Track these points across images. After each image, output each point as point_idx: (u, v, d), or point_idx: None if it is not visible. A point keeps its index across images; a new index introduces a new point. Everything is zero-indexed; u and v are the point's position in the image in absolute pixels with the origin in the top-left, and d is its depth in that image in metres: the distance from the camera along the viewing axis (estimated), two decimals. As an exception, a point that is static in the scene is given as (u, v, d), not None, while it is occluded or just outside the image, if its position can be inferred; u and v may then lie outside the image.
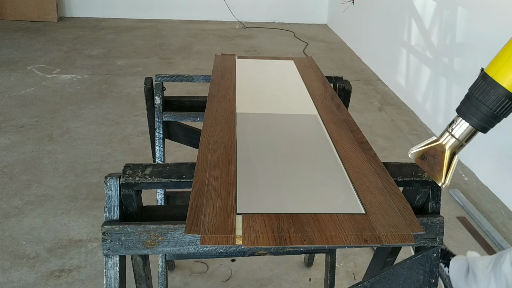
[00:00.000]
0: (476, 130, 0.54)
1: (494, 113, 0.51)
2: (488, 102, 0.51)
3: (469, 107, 0.54)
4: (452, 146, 0.57)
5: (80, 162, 2.55)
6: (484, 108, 0.52)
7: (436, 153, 0.59)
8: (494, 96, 0.50)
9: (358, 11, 4.87)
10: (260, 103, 1.18)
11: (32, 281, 1.73)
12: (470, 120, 0.54)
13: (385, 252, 1.02)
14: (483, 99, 0.51)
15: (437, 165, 0.59)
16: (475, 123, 0.53)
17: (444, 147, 0.58)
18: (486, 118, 0.52)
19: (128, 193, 0.80)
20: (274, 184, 0.80)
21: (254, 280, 1.80)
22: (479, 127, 0.54)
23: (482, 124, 0.53)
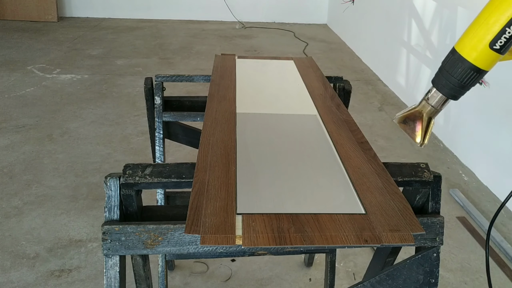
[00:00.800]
0: (448, 98, 0.65)
1: (462, 83, 0.61)
2: (456, 74, 0.60)
3: (441, 78, 0.63)
4: (428, 112, 0.68)
5: (80, 162, 2.55)
6: (453, 79, 0.61)
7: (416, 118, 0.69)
8: (461, 69, 0.60)
9: (358, 11, 4.87)
10: (260, 103, 1.18)
11: (32, 281, 1.73)
12: (442, 90, 0.64)
13: (385, 252, 1.02)
14: (452, 72, 0.61)
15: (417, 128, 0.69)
16: (446, 92, 0.64)
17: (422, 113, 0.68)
18: (455, 88, 0.62)
19: (128, 193, 0.80)
20: (274, 184, 0.80)
21: (254, 280, 1.80)
22: (450, 96, 0.64)
23: (452, 93, 0.63)
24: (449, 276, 1.83)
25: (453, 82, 0.62)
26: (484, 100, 2.51)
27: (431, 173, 0.86)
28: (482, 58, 0.58)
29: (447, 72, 0.62)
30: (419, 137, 0.71)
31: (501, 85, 2.38)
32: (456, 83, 0.61)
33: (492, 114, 2.47)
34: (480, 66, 0.59)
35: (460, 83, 0.61)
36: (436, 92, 0.65)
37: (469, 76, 0.60)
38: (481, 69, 0.59)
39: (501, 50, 0.57)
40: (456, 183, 2.51)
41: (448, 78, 0.62)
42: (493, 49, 0.57)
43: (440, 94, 0.65)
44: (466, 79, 0.60)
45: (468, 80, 0.60)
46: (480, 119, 2.57)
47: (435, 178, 0.85)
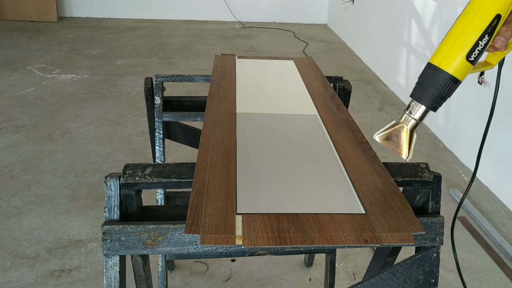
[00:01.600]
0: (429, 109, 0.69)
1: (442, 94, 0.67)
2: (437, 85, 0.66)
3: (421, 91, 0.68)
4: (411, 126, 0.72)
5: (80, 162, 2.55)
6: (434, 91, 0.67)
7: (399, 133, 0.73)
8: (442, 80, 0.66)
9: (358, 11, 4.87)
10: (260, 103, 1.18)
11: (32, 281, 1.73)
12: (424, 102, 0.68)
13: (385, 252, 1.02)
14: (433, 84, 0.66)
15: (401, 142, 0.73)
16: (429, 104, 0.68)
17: (405, 127, 0.72)
18: (436, 99, 0.68)
19: (128, 193, 0.80)
20: (274, 184, 0.80)
21: (254, 280, 1.80)
22: (431, 107, 0.69)
23: (434, 104, 0.68)
24: (449, 276, 1.83)
25: (434, 94, 0.67)
26: (484, 100, 2.51)
27: (431, 173, 0.86)
28: (460, 70, 0.66)
29: (428, 85, 0.67)
30: (405, 151, 0.74)
31: (501, 85, 2.38)
32: (437, 94, 0.67)
33: (492, 114, 2.47)
34: (458, 77, 0.66)
35: (440, 94, 0.67)
36: (417, 104, 0.70)
37: (448, 87, 0.67)
38: (458, 79, 0.66)
39: (474, 61, 0.66)
40: (456, 183, 2.51)
41: (429, 90, 0.67)
42: (468, 60, 0.65)
43: (422, 106, 0.69)
44: (446, 90, 0.67)
45: (447, 90, 0.67)
46: (480, 119, 2.57)
47: (435, 178, 0.85)
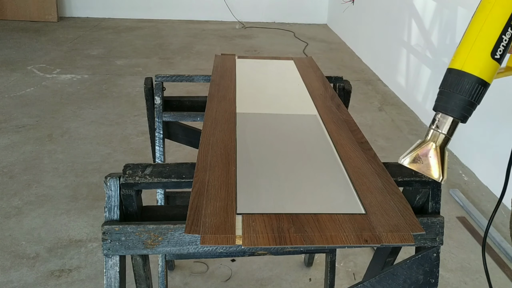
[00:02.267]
0: (458, 121, 0.61)
1: (471, 100, 0.59)
2: (464, 92, 0.58)
3: (447, 101, 0.60)
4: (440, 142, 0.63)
5: (80, 162, 2.55)
6: (461, 97, 0.59)
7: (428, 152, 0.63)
8: (468, 85, 0.58)
9: (358, 11, 4.87)
10: (260, 103, 1.18)
11: (32, 281, 1.73)
12: (452, 113, 0.60)
13: (385, 252, 1.02)
14: (459, 91, 0.58)
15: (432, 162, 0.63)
16: (457, 113, 0.60)
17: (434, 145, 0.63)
18: (466, 107, 0.59)
19: (128, 193, 0.80)
20: (274, 184, 0.80)
21: (254, 280, 1.80)
22: (461, 117, 0.61)
23: (463, 113, 0.60)
24: (449, 276, 1.83)
25: (462, 101, 0.59)
26: (484, 100, 2.51)
27: (431, 173, 0.86)
28: (486, 70, 0.59)
29: (453, 92, 0.60)
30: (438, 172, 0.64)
31: (502, 87, 2.39)
32: (465, 101, 0.59)
33: (492, 114, 2.47)
34: (485, 78, 0.59)
35: (469, 100, 0.59)
36: (444, 117, 0.62)
37: (477, 91, 0.59)
38: (486, 82, 0.59)
39: (500, 60, 0.59)
40: (456, 183, 2.51)
41: (455, 99, 0.60)
42: (494, 58, 0.58)
43: (450, 117, 0.61)
44: (475, 95, 0.59)
45: (476, 95, 0.59)
46: (480, 119, 2.57)
47: (435, 178, 0.85)
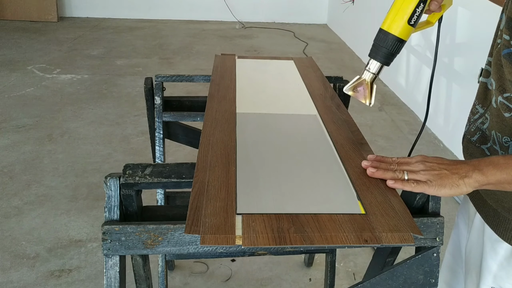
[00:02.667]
0: (383, 65, 0.86)
1: (392, 52, 0.84)
2: (387, 45, 0.83)
3: (376, 51, 0.85)
4: (370, 79, 0.88)
5: (80, 162, 2.55)
6: (385, 50, 0.84)
7: (362, 85, 0.89)
8: (390, 41, 0.83)
9: (358, 11, 4.87)
10: (260, 103, 1.18)
11: (32, 281, 1.73)
12: (379, 59, 0.85)
13: (385, 252, 1.02)
14: (384, 44, 0.83)
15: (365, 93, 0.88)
16: (382, 60, 0.85)
17: (366, 80, 0.88)
18: (387, 56, 0.84)
19: (128, 193, 0.80)
20: (274, 184, 0.80)
21: (254, 280, 1.80)
22: (384, 63, 0.85)
23: (386, 60, 0.85)
24: (449, 276, 1.83)
25: (385, 52, 0.84)
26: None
27: (431, 173, 0.86)
28: (403, 32, 0.82)
29: (380, 45, 0.84)
30: (368, 100, 0.89)
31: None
32: (387, 52, 0.84)
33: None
34: (402, 37, 0.82)
35: (390, 51, 0.84)
36: (373, 62, 0.86)
37: (396, 46, 0.83)
38: (403, 39, 0.83)
39: (414, 24, 0.82)
40: (456, 183, 2.50)
41: (381, 50, 0.84)
42: (410, 24, 0.81)
43: (377, 62, 0.86)
44: (394, 48, 0.83)
45: (396, 48, 0.83)
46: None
47: (435, 178, 0.85)
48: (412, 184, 0.76)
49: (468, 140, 0.91)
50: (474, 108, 0.92)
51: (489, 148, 0.85)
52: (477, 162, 0.75)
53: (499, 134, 0.81)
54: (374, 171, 0.82)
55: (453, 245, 1.08)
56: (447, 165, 0.76)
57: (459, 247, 1.05)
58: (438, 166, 0.76)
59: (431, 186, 0.74)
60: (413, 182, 0.76)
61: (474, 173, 0.73)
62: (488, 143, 0.85)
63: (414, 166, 0.79)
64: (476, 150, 0.88)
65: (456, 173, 0.74)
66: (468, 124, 0.93)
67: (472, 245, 0.93)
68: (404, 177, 0.78)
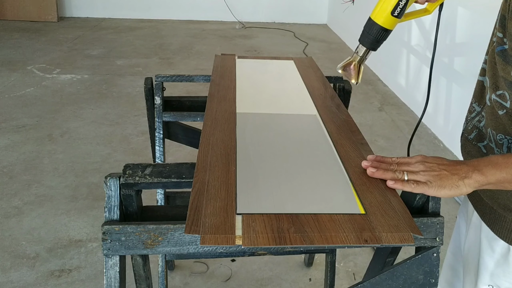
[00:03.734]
0: (369, 49, 0.92)
1: (377, 39, 0.89)
2: (373, 33, 0.89)
3: (364, 37, 0.91)
4: (358, 60, 0.94)
5: (80, 162, 2.55)
6: (371, 37, 0.89)
7: (350, 65, 0.95)
8: (375, 30, 0.88)
9: (358, 11, 4.87)
10: (260, 103, 1.18)
11: (32, 281, 1.73)
12: (366, 44, 0.91)
13: (385, 252, 1.02)
14: (370, 32, 0.89)
15: (352, 72, 0.95)
16: (368, 46, 0.91)
17: (354, 61, 0.95)
18: (373, 43, 0.90)
19: (128, 193, 0.80)
20: (274, 184, 0.80)
21: (254, 280, 1.80)
22: (371, 48, 0.91)
23: (372, 46, 0.91)
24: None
25: (371, 39, 0.90)
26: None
27: (431, 173, 0.86)
28: (388, 22, 0.87)
29: (367, 33, 0.90)
30: (354, 79, 0.95)
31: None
32: (373, 39, 0.90)
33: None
34: (387, 27, 0.88)
35: (376, 39, 0.89)
36: (362, 46, 0.92)
37: (381, 34, 0.88)
38: (388, 29, 0.88)
39: (398, 16, 0.87)
40: (456, 183, 2.50)
41: (368, 37, 0.90)
42: (393, 15, 0.86)
43: (364, 47, 0.92)
44: (379, 36, 0.89)
45: (380, 36, 0.89)
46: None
47: (435, 178, 0.85)
48: (412, 185, 0.75)
49: (465, 138, 0.92)
50: (471, 107, 0.93)
51: (485, 146, 0.86)
52: (476, 162, 0.74)
53: (493, 131, 0.82)
54: (374, 171, 0.82)
55: (454, 244, 1.09)
56: (447, 165, 0.76)
57: (459, 246, 1.05)
58: (438, 167, 0.76)
59: (431, 187, 0.74)
60: (413, 182, 0.76)
61: (474, 174, 0.73)
62: (484, 140, 0.86)
63: (414, 167, 0.78)
64: (473, 148, 0.89)
65: (456, 174, 0.74)
66: (466, 122, 0.94)
67: (471, 244, 0.94)
68: (404, 178, 0.77)
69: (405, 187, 0.77)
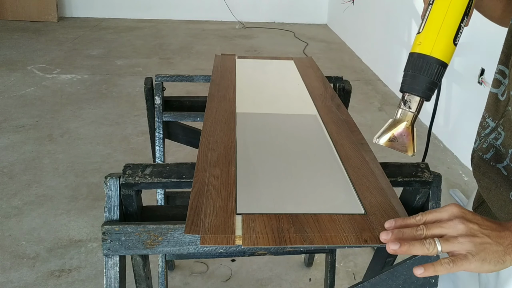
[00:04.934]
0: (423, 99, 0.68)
1: (435, 80, 0.66)
2: (428, 73, 0.66)
3: (413, 82, 0.68)
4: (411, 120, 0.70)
5: (80, 162, 2.55)
6: (426, 78, 0.66)
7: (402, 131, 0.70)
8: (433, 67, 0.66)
9: (358, 11, 4.87)
10: (260, 103, 1.18)
11: (32, 281, 1.73)
12: (419, 92, 0.67)
13: (385, 252, 1.02)
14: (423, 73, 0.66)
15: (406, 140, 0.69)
16: (423, 93, 0.67)
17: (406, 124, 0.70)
18: (430, 87, 0.67)
19: (128, 193, 0.80)
20: (274, 184, 0.80)
21: (254, 280, 1.80)
22: (426, 96, 0.68)
23: (428, 92, 0.67)
24: (449, 276, 1.83)
25: (427, 82, 0.67)
26: (484, 100, 2.51)
27: (431, 173, 0.86)
28: (447, 54, 0.67)
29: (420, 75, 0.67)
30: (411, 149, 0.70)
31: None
32: (429, 81, 0.67)
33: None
34: (446, 61, 0.67)
35: (433, 80, 0.67)
36: (412, 96, 0.69)
37: (439, 72, 0.66)
38: (446, 63, 0.67)
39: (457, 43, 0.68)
40: (456, 183, 2.51)
41: (421, 80, 0.67)
42: (454, 44, 0.67)
43: (417, 97, 0.69)
44: (437, 75, 0.66)
45: (439, 75, 0.67)
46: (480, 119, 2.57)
47: (435, 178, 0.85)
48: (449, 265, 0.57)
49: (479, 157, 0.80)
50: (484, 121, 0.80)
51: (505, 167, 0.74)
52: None
53: None
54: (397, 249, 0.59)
55: None
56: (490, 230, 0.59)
57: None
58: (480, 231, 0.58)
59: (472, 262, 0.57)
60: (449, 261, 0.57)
61: None
62: (504, 161, 0.74)
63: (449, 227, 0.59)
64: (490, 169, 0.77)
65: (501, 244, 0.58)
66: (479, 139, 0.81)
67: None
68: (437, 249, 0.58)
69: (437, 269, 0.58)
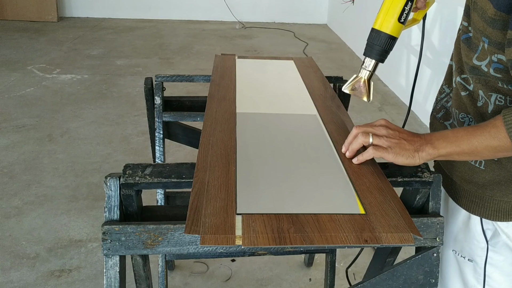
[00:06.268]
0: (378, 62, 0.89)
1: (385, 49, 0.87)
2: (381, 43, 0.86)
3: (370, 49, 0.88)
4: (367, 76, 0.90)
5: (80, 162, 2.55)
6: (379, 48, 0.87)
7: (360, 83, 0.91)
8: (383, 39, 0.86)
9: (358, 11, 4.87)
10: (260, 103, 1.18)
11: (32, 281, 1.73)
12: (374, 57, 0.88)
13: (385, 252, 1.02)
14: (378, 43, 0.87)
15: (363, 90, 0.91)
16: (376, 58, 0.88)
17: (363, 78, 0.90)
18: (381, 53, 0.88)
19: (128, 193, 0.80)
20: (274, 184, 0.80)
21: (254, 280, 1.80)
22: (379, 60, 0.88)
23: (380, 57, 0.88)
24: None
25: (380, 50, 0.87)
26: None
27: (431, 173, 0.86)
28: (395, 29, 0.86)
29: (374, 44, 0.87)
30: (366, 97, 0.91)
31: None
32: (382, 50, 0.87)
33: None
34: (394, 35, 0.86)
35: (384, 49, 0.87)
36: (369, 60, 0.89)
37: (389, 43, 0.86)
38: (395, 37, 0.87)
39: (404, 22, 0.86)
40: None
41: (375, 48, 0.87)
42: (400, 22, 0.86)
43: (372, 60, 0.89)
44: (388, 45, 0.87)
45: (389, 46, 0.87)
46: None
47: (435, 178, 0.85)
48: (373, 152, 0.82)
49: (433, 117, 0.99)
50: (441, 88, 0.99)
51: (451, 124, 0.92)
52: (429, 136, 0.81)
53: (457, 111, 0.89)
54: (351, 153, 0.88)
55: None
56: (406, 135, 0.82)
57: None
58: (399, 135, 0.82)
59: (390, 153, 0.80)
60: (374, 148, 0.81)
61: (426, 147, 0.80)
62: (450, 119, 0.93)
63: (377, 129, 0.83)
64: (440, 126, 0.95)
65: (412, 145, 0.80)
66: (435, 102, 1.00)
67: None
68: (369, 140, 0.82)
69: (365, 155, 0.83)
